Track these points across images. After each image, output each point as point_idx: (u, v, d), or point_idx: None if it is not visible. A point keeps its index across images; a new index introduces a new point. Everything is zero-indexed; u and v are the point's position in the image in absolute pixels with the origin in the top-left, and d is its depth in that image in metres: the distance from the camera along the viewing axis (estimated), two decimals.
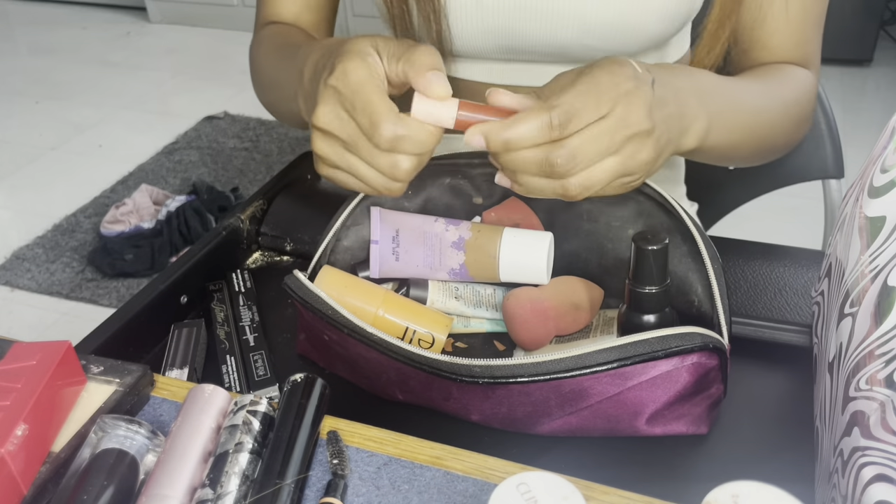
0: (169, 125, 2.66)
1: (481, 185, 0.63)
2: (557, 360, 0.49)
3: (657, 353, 0.49)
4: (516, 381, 0.49)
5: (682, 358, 0.50)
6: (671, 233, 0.57)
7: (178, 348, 0.62)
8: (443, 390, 0.53)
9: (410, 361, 0.52)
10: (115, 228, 2.04)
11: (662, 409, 0.52)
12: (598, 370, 0.49)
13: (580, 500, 0.34)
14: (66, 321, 1.86)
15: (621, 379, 0.50)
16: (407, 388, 0.55)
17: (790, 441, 0.53)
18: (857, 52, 2.72)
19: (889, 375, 0.38)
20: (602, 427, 0.53)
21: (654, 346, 0.49)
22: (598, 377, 0.50)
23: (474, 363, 0.50)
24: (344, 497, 0.44)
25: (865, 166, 0.51)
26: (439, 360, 0.51)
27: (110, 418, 0.44)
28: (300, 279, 0.57)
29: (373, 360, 0.54)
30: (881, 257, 0.43)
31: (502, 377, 0.49)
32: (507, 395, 0.51)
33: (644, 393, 0.51)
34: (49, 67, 3.17)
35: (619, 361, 0.49)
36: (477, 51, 0.69)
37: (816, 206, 0.92)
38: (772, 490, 0.34)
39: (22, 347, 0.48)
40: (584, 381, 0.50)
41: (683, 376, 0.51)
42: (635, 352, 0.49)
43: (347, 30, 3.18)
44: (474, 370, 0.50)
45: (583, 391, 0.50)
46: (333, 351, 0.58)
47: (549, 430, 0.54)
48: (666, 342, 0.49)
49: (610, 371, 0.49)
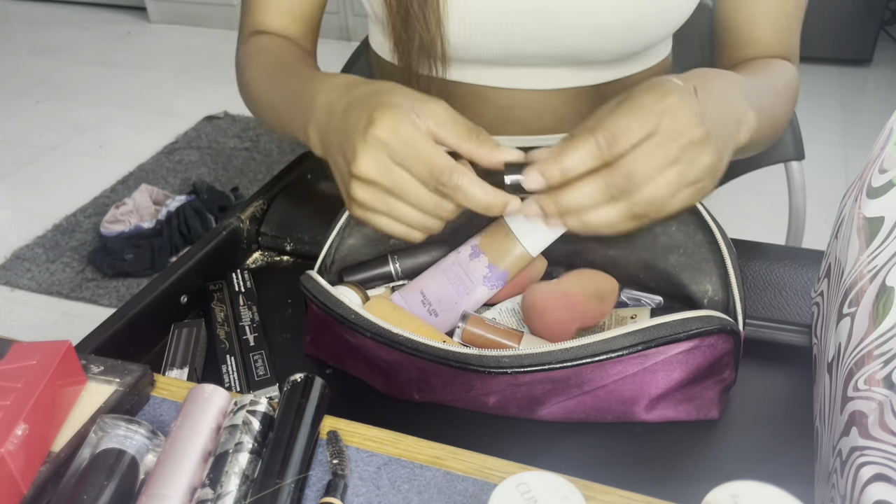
0: (169, 125, 2.66)
1: None
2: (584, 345, 0.50)
3: (679, 335, 0.51)
4: (544, 368, 0.50)
5: (701, 339, 0.52)
6: (681, 221, 0.58)
7: (178, 348, 0.62)
8: (466, 383, 0.53)
9: (437, 358, 0.52)
10: (115, 228, 2.04)
11: (675, 390, 0.53)
12: (623, 353, 0.50)
13: (580, 500, 0.34)
14: (66, 321, 1.86)
15: (642, 358, 0.52)
16: (427, 385, 0.55)
17: (790, 441, 0.53)
18: (857, 52, 2.72)
19: (887, 375, 0.38)
20: (616, 409, 0.54)
21: (676, 329, 0.51)
22: (622, 358, 0.51)
23: (503, 354, 0.51)
24: (344, 497, 0.44)
25: (864, 166, 0.51)
26: (468, 353, 0.51)
27: (110, 418, 0.44)
28: (318, 282, 0.57)
29: (393, 360, 0.55)
30: (880, 257, 0.43)
31: (531, 365, 0.50)
32: (532, 379, 0.52)
33: (660, 373, 0.52)
34: (49, 67, 3.17)
35: (643, 344, 0.50)
36: (481, 57, 0.69)
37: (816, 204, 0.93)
38: (772, 490, 0.34)
39: (22, 347, 0.48)
40: (608, 365, 0.51)
41: (698, 358, 0.52)
42: (658, 334, 0.51)
43: (347, 29, 3.18)
44: (503, 361, 0.51)
45: (604, 370, 0.52)
46: (346, 351, 0.58)
47: (562, 410, 0.54)
48: (687, 325, 0.51)
49: (634, 354, 0.51)
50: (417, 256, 0.63)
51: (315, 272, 0.59)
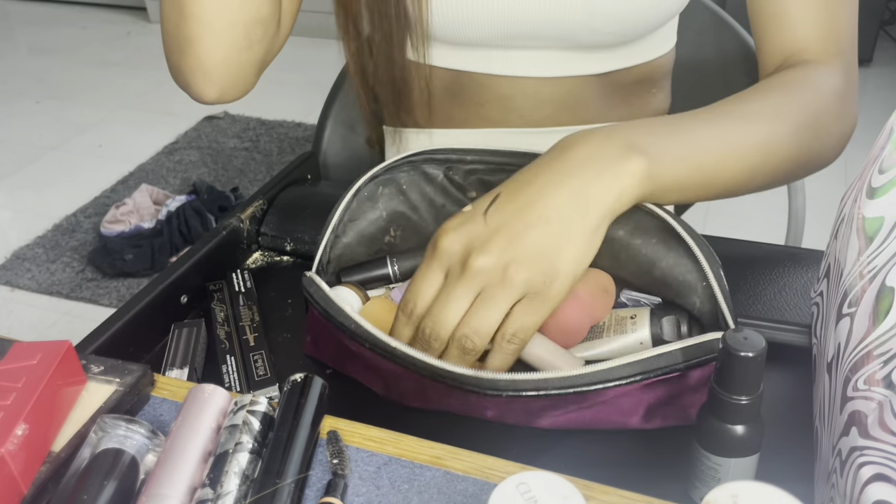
0: (169, 125, 2.67)
1: (472, 180, 0.63)
2: (582, 374, 0.49)
3: (678, 365, 0.50)
4: (539, 394, 0.50)
5: (702, 368, 0.51)
6: (660, 233, 0.56)
7: (178, 348, 0.62)
8: (462, 398, 0.53)
9: (432, 375, 0.51)
10: (115, 228, 2.04)
11: (673, 399, 0.53)
12: (621, 384, 0.50)
13: (580, 500, 0.34)
14: (66, 321, 1.86)
15: (640, 387, 0.51)
16: (424, 396, 0.55)
17: (790, 441, 0.53)
18: (857, 51, 2.72)
19: (887, 375, 0.38)
20: (615, 421, 0.54)
21: (677, 359, 0.50)
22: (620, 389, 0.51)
23: (499, 378, 0.50)
24: (344, 497, 0.44)
25: (864, 167, 0.51)
26: (464, 374, 0.50)
27: (110, 418, 0.44)
28: (320, 286, 0.57)
29: (390, 371, 0.54)
30: (879, 258, 0.43)
31: (526, 390, 0.50)
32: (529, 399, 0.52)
33: (659, 388, 0.52)
34: (49, 67, 3.17)
35: (642, 375, 0.50)
36: (471, 38, 0.68)
37: (816, 204, 0.93)
38: (772, 490, 0.34)
39: (22, 347, 0.48)
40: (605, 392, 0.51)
41: (696, 374, 0.52)
42: (658, 364, 0.50)
43: None
44: (499, 384, 0.50)
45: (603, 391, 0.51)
46: (346, 355, 0.58)
47: (563, 421, 0.54)
48: (688, 353, 0.50)
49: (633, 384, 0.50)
50: (416, 258, 0.63)
51: (314, 273, 0.59)
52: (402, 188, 0.64)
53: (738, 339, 0.43)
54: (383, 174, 0.63)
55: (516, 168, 0.57)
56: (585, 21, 0.65)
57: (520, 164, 0.59)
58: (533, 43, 0.69)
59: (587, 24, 0.65)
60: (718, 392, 0.45)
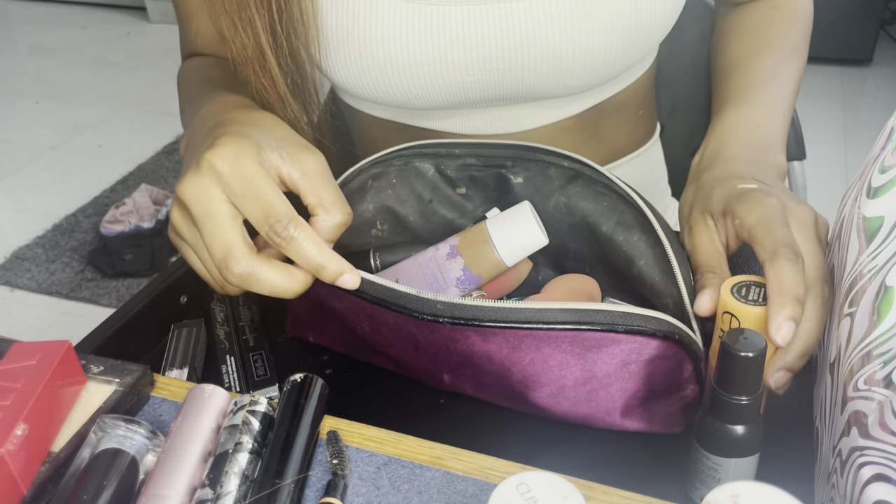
0: (169, 125, 2.66)
1: (462, 176, 0.63)
2: (518, 308, 0.48)
3: (617, 326, 0.48)
4: (474, 322, 0.48)
5: (644, 341, 0.49)
6: (642, 230, 0.56)
7: (178, 348, 0.62)
8: (411, 338, 0.53)
9: (375, 299, 0.51)
10: (115, 228, 2.04)
11: (635, 403, 0.52)
12: (555, 327, 0.48)
13: (580, 500, 0.34)
14: (66, 321, 1.86)
15: (581, 348, 0.49)
16: (380, 338, 0.55)
17: (790, 441, 0.53)
18: (857, 51, 2.72)
19: (887, 375, 0.38)
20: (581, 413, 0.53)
21: (615, 319, 0.48)
22: (558, 342, 0.49)
23: (438, 298, 0.49)
24: (344, 497, 0.44)
25: (864, 166, 0.51)
26: (407, 293, 0.50)
27: (110, 418, 0.44)
28: None
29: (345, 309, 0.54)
30: (879, 257, 0.43)
31: (462, 318, 0.49)
32: (470, 350, 0.51)
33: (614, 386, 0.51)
34: (49, 67, 3.17)
35: (575, 324, 0.48)
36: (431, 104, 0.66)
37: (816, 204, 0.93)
38: (772, 490, 0.34)
39: (22, 347, 0.48)
40: (544, 345, 0.49)
41: (647, 367, 0.50)
42: (595, 319, 0.48)
43: None
44: (437, 307, 0.49)
45: (544, 361, 0.50)
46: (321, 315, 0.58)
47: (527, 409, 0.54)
48: (628, 319, 0.48)
49: (568, 332, 0.48)
50: (398, 253, 0.63)
51: None
52: (391, 182, 0.64)
53: (738, 339, 0.43)
54: (372, 167, 0.63)
55: (510, 163, 0.57)
56: (554, 79, 0.63)
57: (511, 156, 0.60)
58: (499, 103, 0.66)
59: (556, 82, 0.63)
60: (719, 392, 0.45)
